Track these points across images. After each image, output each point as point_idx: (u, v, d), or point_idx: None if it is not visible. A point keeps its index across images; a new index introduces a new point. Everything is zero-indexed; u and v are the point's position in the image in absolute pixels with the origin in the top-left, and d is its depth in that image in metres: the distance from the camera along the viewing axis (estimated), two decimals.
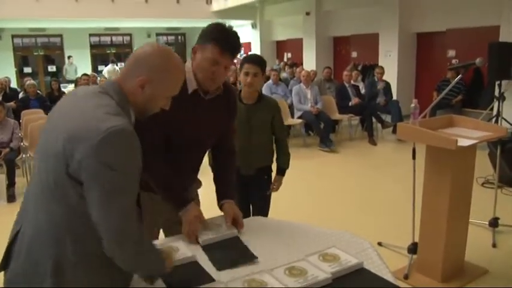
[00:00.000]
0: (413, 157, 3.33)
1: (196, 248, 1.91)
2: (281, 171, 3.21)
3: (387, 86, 8.68)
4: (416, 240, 3.37)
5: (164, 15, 14.44)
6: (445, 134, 3.02)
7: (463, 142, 2.77)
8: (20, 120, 7.29)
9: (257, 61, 2.88)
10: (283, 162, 3.21)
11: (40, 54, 18.04)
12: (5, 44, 16.82)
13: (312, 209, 4.99)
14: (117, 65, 15.28)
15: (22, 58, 17.89)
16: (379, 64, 9.72)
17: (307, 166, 6.88)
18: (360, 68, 11.54)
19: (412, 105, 3.03)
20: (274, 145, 3.21)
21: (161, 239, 2.09)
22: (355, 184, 5.84)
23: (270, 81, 9.14)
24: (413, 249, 3.40)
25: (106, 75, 14.22)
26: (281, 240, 1.99)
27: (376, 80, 8.71)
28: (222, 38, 1.98)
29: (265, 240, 2.00)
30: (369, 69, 11.27)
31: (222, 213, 2.13)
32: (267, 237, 2.03)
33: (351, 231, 4.18)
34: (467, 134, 3.08)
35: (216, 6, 14.74)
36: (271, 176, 3.18)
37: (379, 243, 3.82)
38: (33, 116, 7.31)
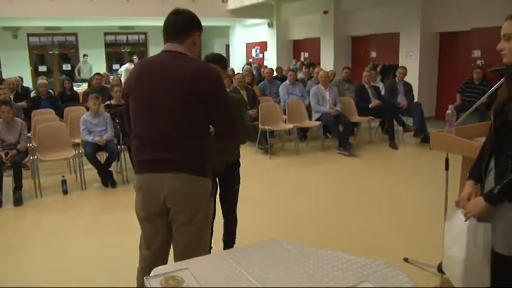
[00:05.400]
0: (446, 168, 3.03)
1: (203, 279, 1.65)
2: None
3: (408, 87, 8.33)
4: None
5: None
6: None
7: None
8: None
9: (213, 60, 2.87)
10: None
11: (55, 52, 18.01)
12: (20, 43, 16.82)
13: (331, 219, 4.68)
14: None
15: (37, 57, 17.86)
16: (400, 65, 9.36)
17: (325, 171, 6.60)
18: (379, 68, 11.19)
19: (449, 111, 2.72)
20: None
21: (168, 266, 1.84)
22: (376, 191, 5.52)
23: (287, 81, 8.86)
24: None
25: (123, 74, 14.02)
26: (305, 271, 1.72)
27: (396, 80, 8.35)
28: None
29: (287, 270, 1.73)
30: (389, 70, 10.91)
31: None
32: (289, 266, 1.77)
33: (373, 244, 3.94)
34: None
35: (231, 4, 14.49)
36: (239, 171, 3.38)
37: (406, 259, 3.52)
38: (43, 116, 7.14)
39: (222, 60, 2.96)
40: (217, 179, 3.27)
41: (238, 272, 1.72)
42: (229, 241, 3.45)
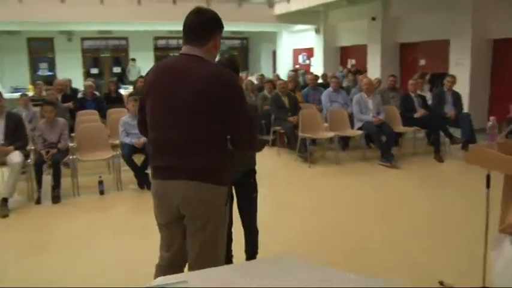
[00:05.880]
0: (488, 186, 2.80)
1: None
2: None
3: (457, 96, 7.93)
4: (488, 285, 2.83)
5: (226, 19, 14.21)
6: None
7: None
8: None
9: (231, 66, 2.77)
10: None
11: (106, 56, 18.57)
12: (74, 46, 17.46)
13: (366, 232, 4.47)
14: None
15: (90, 59, 18.47)
16: (450, 73, 8.95)
17: (364, 182, 6.36)
18: (428, 77, 10.77)
19: (489, 123, 2.50)
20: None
21: (167, 278, 1.75)
22: (416, 206, 5.24)
23: (330, 88, 8.68)
24: None
25: None
26: None
27: (444, 89, 7.97)
28: None
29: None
30: (438, 79, 10.49)
31: None
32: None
33: (406, 263, 3.71)
34: None
35: (278, 10, 14.45)
36: (256, 179, 3.24)
37: (441, 283, 3.28)
38: (86, 117, 7.30)
39: (234, 65, 2.85)
40: (233, 188, 3.18)
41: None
42: (251, 251, 3.34)
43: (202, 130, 2.13)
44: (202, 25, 2.21)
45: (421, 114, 7.68)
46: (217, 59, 2.92)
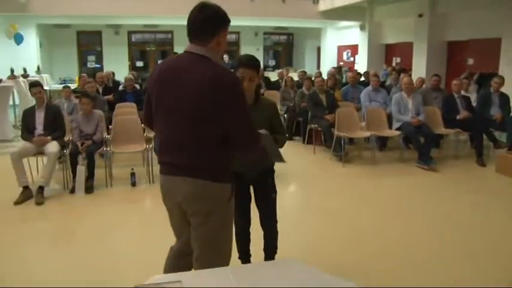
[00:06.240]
0: None
1: None
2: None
3: (505, 99, 7.53)
4: None
5: (269, 14, 14.28)
6: None
7: None
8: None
9: (253, 65, 2.76)
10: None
11: (152, 49, 18.94)
12: (121, 39, 17.94)
13: (394, 237, 4.30)
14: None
15: (136, 53, 18.90)
16: (499, 73, 8.50)
17: (398, 185, 6.16)
18: (476, 77, 10.32)
19: None
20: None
21: (162, 276, 1.73)
22: (452, 212, 5.00)
23: (370, 87, 8.47)
24: None
25: None
26: None
27: (491, 91, 7.59)
28: None
29: None
30: (487, 79, 10.03)
31: None
32: None
33: (431, 272, 3.54)
34: None
35: (322, 6, 14.25)
36: (274, 179, 3.15)
37: None
38: (125, 110, 7.42)
39: (255, 63, 2.78)
40: (250, 187, 3.14)
41: None
42: (269, 252, 3.29)
43: (203, 129, 2.13)
44: (206, 21, 2.16)
45: (463, 116, 7.35)
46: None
